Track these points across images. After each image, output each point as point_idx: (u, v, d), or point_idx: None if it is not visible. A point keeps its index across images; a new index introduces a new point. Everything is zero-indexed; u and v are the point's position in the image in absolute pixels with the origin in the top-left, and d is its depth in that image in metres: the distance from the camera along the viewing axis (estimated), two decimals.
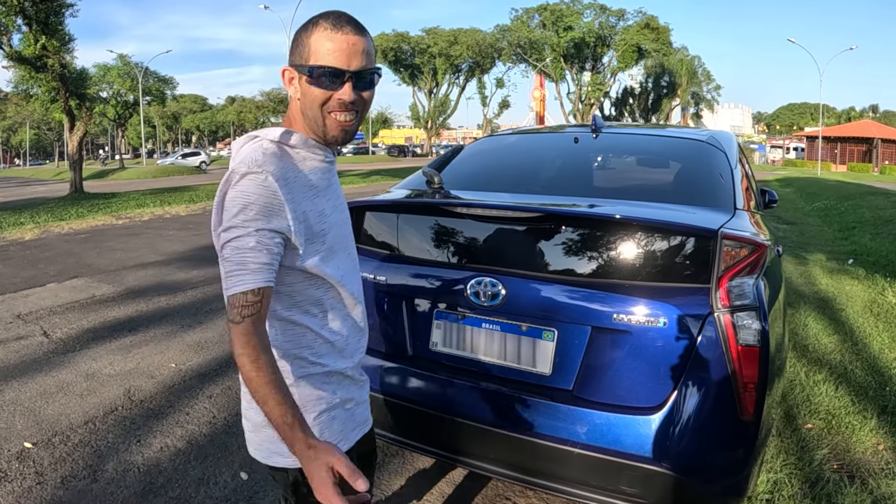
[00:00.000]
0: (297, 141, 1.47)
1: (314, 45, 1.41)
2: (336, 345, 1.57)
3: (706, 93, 69.72)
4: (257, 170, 1.35)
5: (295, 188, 1.41)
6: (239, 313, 1.32)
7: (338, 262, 1.54)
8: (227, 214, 1.35)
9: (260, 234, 1.33)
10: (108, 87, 47.50)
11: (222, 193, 1.38)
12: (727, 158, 3.01)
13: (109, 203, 18.11)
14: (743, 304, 2.07)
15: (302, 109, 1.48)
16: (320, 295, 1.52)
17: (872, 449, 3.38)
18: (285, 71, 1.48)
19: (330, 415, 1.57)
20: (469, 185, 2.99)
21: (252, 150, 1.41)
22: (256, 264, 1.33)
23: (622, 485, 2.12)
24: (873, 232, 11.61)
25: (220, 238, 1.36)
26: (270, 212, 1.35)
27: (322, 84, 1.42)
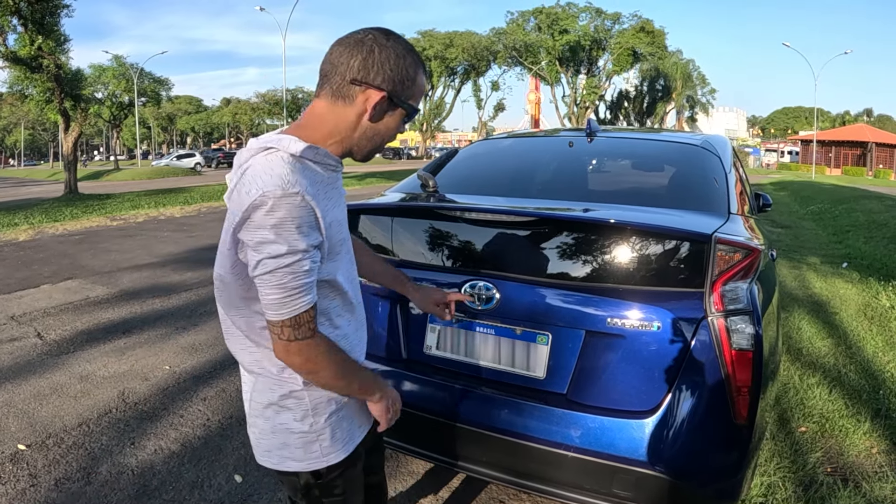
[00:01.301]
0: (311, 154, 1.43)
1: (419, 87, 1.51)
2: (346, 343, 1.59)
3: (701, 96, 69.92)
4: (292, 191, 1.32)
5: (320, 202, 1.40)
6: (309, 328, 1.39)
7: (344, 269, 1.56)
8: (276, 241, 1.32)
9: (311, 256, 1.37)
10: (103, 88, 47.46)
11: (247, 216, 1.33)
12: (721, 163, 3.02)
13: (104, 204, 18.08)
14: (737, 308, 2.08)
15: (368, 133, 1.50)
16: (327, 304, 1.53)
17: (866, 452, 3.40)
18: (383, 97, 1.44)
19: (339, 415, 1.60)
20: (465, 189, 2.99)
21: (273, 166, 1.35)
22: (310, 283, 1.38)
23: (616, 488, 2.12)
24: (867, 235, 11.66)
25: (265, 264, 1.33)
26: (311, 230, 1.36)
27: (406, 122, 1.56)
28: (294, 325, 1.37)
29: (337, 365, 1.47)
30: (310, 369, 1.44)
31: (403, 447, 2.57)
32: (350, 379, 1.53)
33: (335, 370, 1.47)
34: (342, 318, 1.58)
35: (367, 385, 1.59)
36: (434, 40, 67.77)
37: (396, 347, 2.57)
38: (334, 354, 1.47)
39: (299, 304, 1.36)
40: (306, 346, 1.39)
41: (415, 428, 2.48)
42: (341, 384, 1.51)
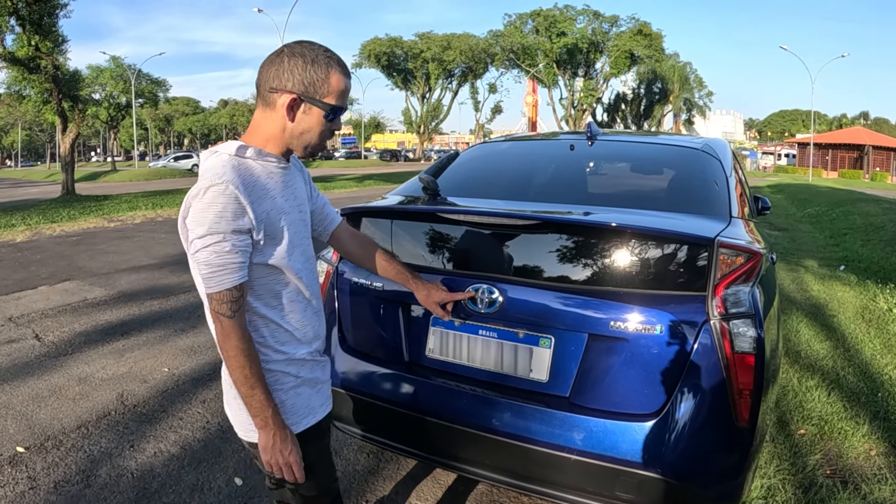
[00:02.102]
0: (250, 153, 1.67)
1: (334, 86, 1.66)
2: (296, 333, 1.78)
3: (698, 99, 70.12)
4: (219, 181, 1.55)
5: (253, 192, 1.61)
6: (230, 308, 1.58)
7: (296, 257, 1.75)
8: (201, 223, 1.54)
9: (233, 238, 1.56)
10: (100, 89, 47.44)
11: (188, 205, 1.58)
12: (722, 166, 3.02)
13: (101, 205, 18.05)
14: (739, 311, 2.09)
15: (294, 131, 1.69)
16: (280, 288, 1.73)
17: (865, 454, 3.40)
18: (294, 98, 1.64)
19: (297, 391, 1.80)
20: (466, 192, 3.00)
21: (213, 164, 1.62)
22: (235, 264, 1.57)
23: (618, 491, 2.13)
24: (864, 238, 11.68)
25: (195, 244, 1.56)
26: (237, 216, 1.56)
27: (332, 119, 1.69)
28: (218, 300, 1.57)
29: (237, 357, 1.60)
30: (221, 345, 1.61)
31: (405, 450, 2.58)
32: (251, 380, 1.62)
33: (237, 361, 1.60)
34: (293, 303, 1.77)
35: (262, 405, 1.65)
36: (432, 42, 67.85)
37: (398, 350, 2.57)
38: (245, 347, 1.61)
39: (223, 280, 1.56)
40: (224, 323, 1.58)
41: (417, 431, 2.48)
42: (238, 376, 1.61)
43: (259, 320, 1.71)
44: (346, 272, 2.75)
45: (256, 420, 1.66)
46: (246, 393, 1.63)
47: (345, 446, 3.51)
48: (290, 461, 1.70)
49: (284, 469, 1.70)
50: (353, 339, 2.73)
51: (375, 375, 2.58)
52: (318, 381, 1.89)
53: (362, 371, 2.64)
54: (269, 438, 1.67)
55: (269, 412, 1.65)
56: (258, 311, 1.71)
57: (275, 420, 1.66)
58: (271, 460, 1.69)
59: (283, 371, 1.75)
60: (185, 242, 1.62)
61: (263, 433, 1.67)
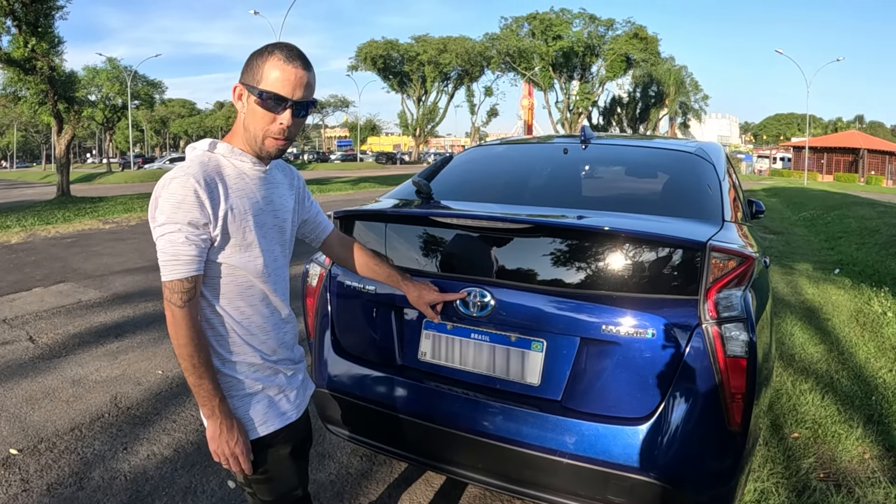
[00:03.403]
0: (222, 150, 1.71)
1: (267, 71, 1.64)
2: (253, 340, 1.77)
3: (694, 103, 70.07)
4: (182, 174, 1.59)
5: (213, 189, 1.62)
6: (181, 298, 1.59)
7: (260, 261, 1.74)
8: (161, 212, 1.58)
9: (188, 230, 1.58)
10: (96, 91, 47.37)
11: (156, 195, 1.62)
12: (715, 170, 3.03)
13: (96, 207, 18.03)
14: (731, 315, 2.09)
15: (245, 124, 1.70)
16: (242, 290, 1.73)
17: (858, 458, 3.41)
18: (236, 87, 1.69)
19: (251, 398, 1.78)
20: (459, 196, 3.00)
21: (187, 158, 1.69)
22: (188, 256, 1.59)
23: (610, 494, 2.13)
24: (859, 242, 11.71)
25: (154, 231, 1.61)
26: (193, 209, 1.57)
27: (268, 106, 1.65)
28: (170, 289, 1.60)
29: (186, 346, 1.61)
30: (171, 332, 1.63)
31: (398, 453, 2.58)
32: (199, 370, 1.63)
33: (185, 350, 1.61)
34: (254, 308, 1.77)
35: (210, 394, 1.66)
36: (428, 45, 67.90)
37: (391, 353, 2.58)
38: (194, 336, 1.62)
39: (175, 270, 1.58)
40: (174, 312, 1.60)
41: (409, 434, 2.48)
42: (186, 365, 1.63)
43: (216, 319, 1.72)
44: (339, 275, 2.75)
45: (204, 409, 1.68)
46: (194, 382, 1.64)
47: (338, 449, 3.51)
48: (237, 452, 1.71)
49: (231, 460, 1.71)
50: (346, 343, 2.73)
51: (368, 379, 2.58)
52: (281, 389, 1.86)
53: (355, 374, 2.64)
54: (215, 428, 1.68)
55: (216, 402, 1.67)
56: (216, 310, 1.72)
57: (221, 409, 1.68)
58: (218, 450, 1.70)
59: (235, 377, 1.75)
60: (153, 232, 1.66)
61: (210, 422, 1.69)
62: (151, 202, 1.63)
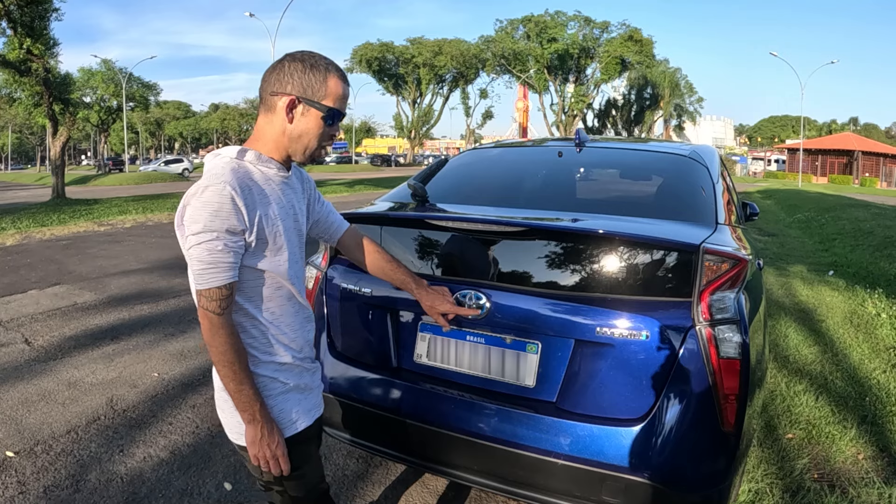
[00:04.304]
0: (251, 157, 1.73)
1: (332, 90, 1.72)
2: (284, 338, 1.81)
3: (688, 105, 70.18)
4: (216, 182, 1.60)
5: (248, 196, 1.65)
6: (219, 305, 1.61)
7: (288, 264, 1.78)
8: (197, 220, 1.58)
9: (226, 237, 1.59)
10: (91, 93, 47.27)
11: (186, 203, 1.62)
12: (709, 173, 3.05)
13: (91, 209, 17.98)
14: (724, 317, 2.11)
15: (293, 134, 1.73)
16: (271, 292, 1.76)
17: (852, 458, 3.43)
18: (292, 100, 1.69)
19: (285, 397, 1.82)
20: (454, 199, 3.01)
21: (214, 165, 1.68)
22: (226, 263, 1.61)
23: (605, 495, 2.14)
24: (853, 243, 11.75)
25: (189, 240, 1.60)
26: (231, 216, 1.59)
27: (329, 122, 1.74)
28: (207, 297, 1.61)
29: (226, 353, 1.63)
30: (209, 341, 1.64)
31: (394, 455, 2.58)
32: (239, 375, 1.66)
33: (225, 357, 1.63)
34: (283, 308, 1.80)
35: (250, 399, 1.69)
36: (423, 48, 68.00)
37: (387, 356, 2.59)
38: (233, 342, 1.65)
39: (212, 278, 1.60)
40: (213, 319, 1.61)
41: (405, 436, 2.49)
42: (226, 372, 1.65)
43: (248, 322, 1.74)
44: (335, 278, 2.76)
45: (244, 415, 1.70)
46: (234, 389, 1.66)
47: (334, 451, 3.51)
48: (278, 453, 1.73)
49: (271, 462, 1.74)
50: (341, 345, 2.74)
51: (364, 381, 2.59)
52: (307, 387, 1.91)
53: (351, 376, 2.65)
54: (256, 432, 1.70)
55: (257, 406, 1.69)
56: (249, 314, 1.74)
57: (262, 414, 1.70)
58: (258, 454, 1.72)
59: (270, 377, 1.78)
60: (182, 240, 1.67)
61: (251, 427, 1.70)
62: (180, 210, 1.64)
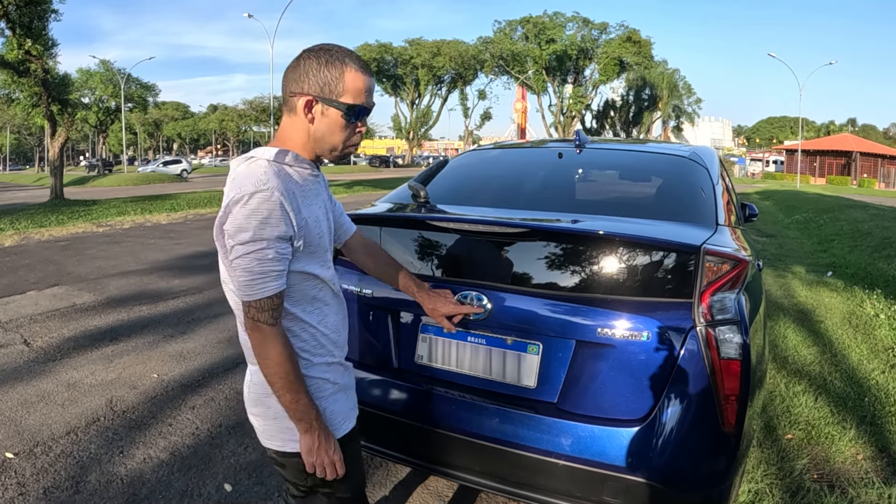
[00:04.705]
0: (290, 159, 1.66)
1: (350, 85, 1.63)
2: (331, 337, 1.79)
3: (687, 106, 70.14)
4: (263, 188, 1.54)
5: (294, 200, 1.60)
6: (272, 315, 1.57)
7: (327, 263, 1.77)
8: (245, 229, 1.53)
9: (277, 245, 1.55)
10: (90, 93, 47.26)
11: (228, 211, 1.56)
12: (709, 174, 3.06)
13: (90, 210, 17.96)
14: (724, 318, 2.11)
15: (316, 135, 1.67)
16: (315, 293, 1.73)
17: (852, 458, 3.43)
18: (309, 100, 1.63)
19: (334, 398, 1.80)
20: (455, 200, 3.01)
21: (252, 170, 1.59)
22: (276, 272, 1.57)
23: (606, 496, 2.14)
24: (852, 244, 11.76)
25: (236, 250, 1.55)
26: (280, 223, 1.55)
27: (351, 119, 1.66)
28: (258, 308, 1.56)
29: (282, 364, 1.59)
30: (260, 353, 1.60)
31: (394, 456, 2.58)
32: (295, 385, 1.62)
33: (281, 368, 1.59)
34: (328, 307, 1.78)
35: (306, 409, 1.65)
36: (421, 49, 68.03)
37: (387, 356, 2.59)
38: (286, 352, 1.60)
39: (264, 288, 1.55)
40: (265, 331, 1.58)
41: (406, 437, 2.49)
42: (282, 384, 1.60)
43: (297, 326, 1.71)
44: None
45: (301, 424, 1.66)
46: (291, 399, 1.62)
47: None
48: (335, 459, 1.71)
49: (328, 468, 1.71)
50: None
51: (365, 382, 2.59)
52: (349, 385, 1.91)
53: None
54: (314, 440, 1.67)
55: (314, 414, 1.67)
56: (298, 317, 1.70)
57: (319, 421, 1.68)
58: (316, 461, 1.70)
59: (321, 378, 1.76)
60: (221, 248, 1.63)
61: (308, 436, 1.67)
62: (221, 218, 1.59)
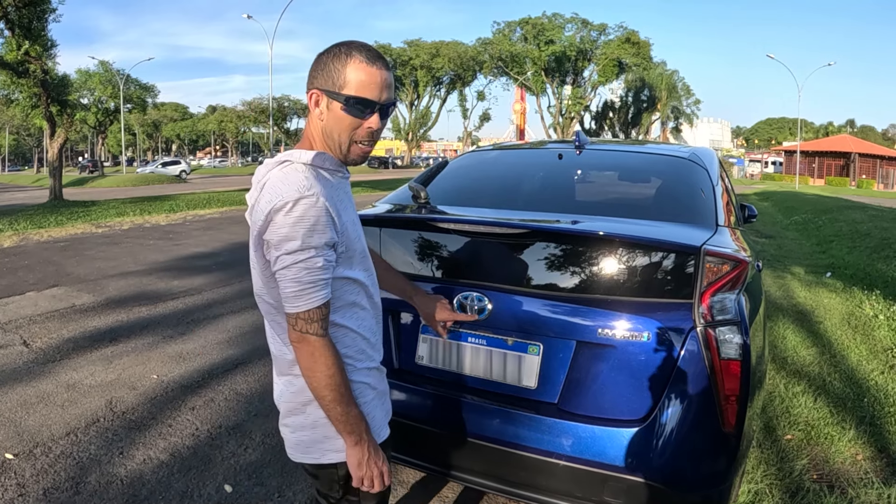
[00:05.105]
0: (327, 162, 1.61)
1: (350, 75, 1.56)
2: (370, 341, 1.74)
3: (686, 107, 70.19)
4: (308, 193, 1.48)
5: (335, 204, 1.55)
6: (321, 326, 1.52)
7: (365, 265, 1.71)
8: (292, 238, 1.46)
9: (325, 253, 1.51)
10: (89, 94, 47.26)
11: (270, 219, 1.48)
12: (709, 175, 3.06)
13: (89, 211, 17.94)
14: (725, 318, 2.11)
15: (326, 131, 1.61)
16: (354, 297, 1.67)
17: (851, 459, 3.44)
18: (313, 94, 1.60)
19: (374, 403, 1.73)
20: (455, 201, 3.01)
21: (290, 175, 1.52)
22: (324, 280, 1.52)
23: (606, 496, 2.15)
24: (850, 245, 11.77)
25: (282, 260, 1.48)
26: (326, 229, 1.50)
27: (354, 112, 1.58)
28: (307, 319, 1.50)
29: (333, 376, 1.54)
30: (310, 366, 1.53)
31: (394, 457, 2.58)
32: (346, 397, 1.57)
33: (332, 380, 1.53)
34: (365, 311, 1.71)
35: (357, 421, 1.60)
36: (420, 50, 68.05)
37: (388, 357, 2.58)
38: (336, 363, 1.55)
39: (313, 298, 1.49)
40: (314, 342, 1.51)
41: (407, 438, 2.49)
42: (334, 396, 1.55)
43: (340, 333, 1.64)
44: None
45: (351, 437, 1.61)
46: (342, 412, 1.57)
47: None
48: (384, 470, 1.67)
49: (377, 480, 1.65)
50: None
51: None
52: (386, 391, 1.85)
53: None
54: (363, 452, 1.62)
55: (363, 426, 1.62)
56: (338, 323, 1.63)
57: (368, 433, 1.63)
58: (365, 474, 1.64)
59: (364, 382, 1.70)
60: (259, 259, 1.57)
61: (358, 448, 1.62)
62: (260, 227, 1.51)
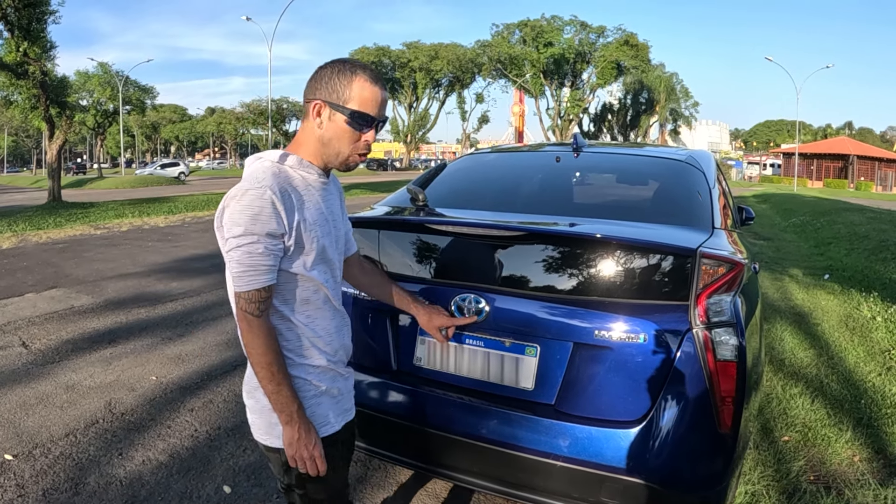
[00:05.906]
0: (292, 162, 1.76)
1: (355, 91, 1.72)
2: (323, 340, 1.83)
3: (684, 109, 70.36)
4: (257, 186, 1.63)
5: (289, 200, 1.67)
6: (258, 307, 1.65)
7: (323, 269, 1.80)
8: (238, 223, 1.61)
9: (267, 241, 1.63)
10: (88, 96, 47.26)
11: (224, 206, 1.65)
12: (706, 178, 3.07)
13: (88, 213, 17.95)
14: (721, 320, 2.13)
15: (325, 140, 1.76)
16: (308, 295, 1.78)
17: (848, 460, 3.45)
18: (315, 104, 1.74)
19: (317, 400, 1.83)
20: (454, 203, 3.03)
21: (256, 169, 1.71)
22: (265, 266, 1.64)
23: (603, 497, 2.16)
24: (849, 247, 11.80)
25: (229, 243, 1.64)
26: (271, 220, 1.62)
27: (355, 126, 1.74)
28: (247, 299, 1.64)
29: (265, 354, 1.67)
30: (247, 343, 1.68)
31: (393, 457, 2.60)
32: (277, 377, 1.68)
33: (264, 358, 1.67)
34: (319, 311, 1.82)
35: (287, 401, 1.71)
36: (419, 52, 68.02)
37: (386, 359, 2.60)
38: (271, 344, 1.68)
39: (252, 280, 1.63)
40: (252, 321, 1.65)
41: (405, 439, 2.50)
42: (264, 373, 1.68)
43: (283, 325, 1.76)
44: None
45: (282, 416, 1.72)
46: (272, 390, 1.68)
47: None
48: (315, 454, 1.75)
49: (308, 463, 1.75)
50: None
51: (364, 384, 2.60)
52: (340, 392, 1.92)
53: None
54: (294, 433, 1.72)
55: (295, 407, 1.71)
56: (284, 316, 1.75)
57: (299, 415, 1.73)
58: (296, 455, 1.74)
59: (303, 378, 1.79)
60: (221, 241, 1.69)
61: (288, 428, 1.72)
62: (219, 212, 1.68)
